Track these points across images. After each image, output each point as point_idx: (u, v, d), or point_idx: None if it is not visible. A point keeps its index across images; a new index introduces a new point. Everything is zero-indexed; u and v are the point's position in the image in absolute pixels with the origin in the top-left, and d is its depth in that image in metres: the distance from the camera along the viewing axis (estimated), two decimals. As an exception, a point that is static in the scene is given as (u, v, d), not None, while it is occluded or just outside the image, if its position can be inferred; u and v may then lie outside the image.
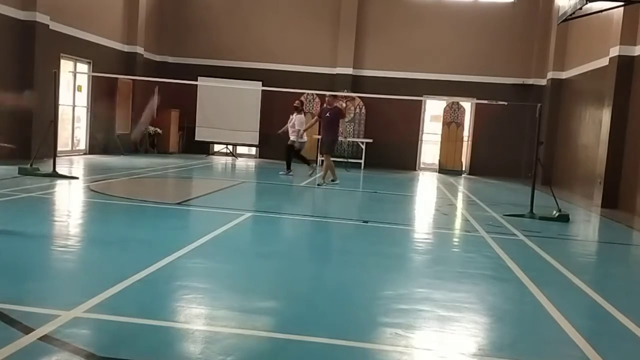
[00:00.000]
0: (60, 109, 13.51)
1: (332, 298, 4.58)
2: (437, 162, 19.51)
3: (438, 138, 19.47)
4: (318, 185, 12.36)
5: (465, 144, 19.41)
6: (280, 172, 14.20)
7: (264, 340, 3.55)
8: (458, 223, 9.08)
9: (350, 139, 18.87)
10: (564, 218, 9.21)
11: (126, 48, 18.04)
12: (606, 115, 12.41)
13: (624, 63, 11.88)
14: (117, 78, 16.78)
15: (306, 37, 19.56)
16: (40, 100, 12.68)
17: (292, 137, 14.17)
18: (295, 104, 14.35)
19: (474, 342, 3.78)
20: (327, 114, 12.59)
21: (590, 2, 9.79)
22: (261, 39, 19.63)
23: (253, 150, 20.96)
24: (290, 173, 14.10)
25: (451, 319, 4.15)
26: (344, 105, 14.10)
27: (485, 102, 16.39)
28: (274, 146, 18.04)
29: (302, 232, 7.70)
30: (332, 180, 12.66)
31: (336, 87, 18.61)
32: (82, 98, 16.43)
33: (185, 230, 7.16)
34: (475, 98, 17.73)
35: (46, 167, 11.02)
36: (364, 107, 19.02)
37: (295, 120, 14.15)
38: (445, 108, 19.09)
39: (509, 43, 18.83)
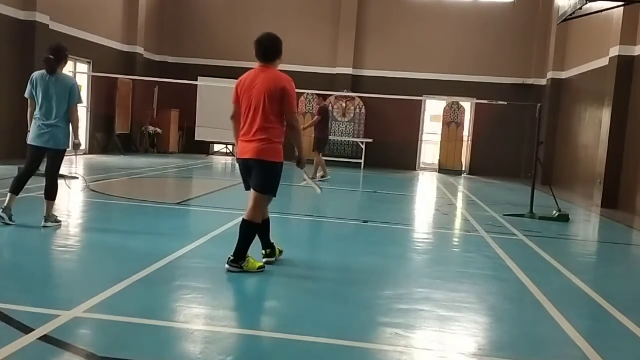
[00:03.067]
0: (60, 109, 13.49)
1: (332, 298, 4.58)
2: (437, 162, 19.51)
3: (438, 138, 19.46)
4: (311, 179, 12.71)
5: (465, 144, 19.40)
6: None
7: (264, 340, 3.56)
8: (458, 223, 9.08)
9: (350, 139, 18.88)
10: (564, 218, 9.21)
11: (126, 48, 18.03)
12: (606, 115, 12.41)
13: (624, 63, 11.87)
14: (117, 78, 16.78)
15: (306, 37, 19.54)
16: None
17: None
18: None
19: (474, 342, 3.78)
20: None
21: (590, 2, 9.79)
22: (261, 39, 19.59)
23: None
24: None
25: (451, 319, 4.15)
26: (326, 104, 14.44)
27: (485, 102, 16.41)
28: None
29: (301, 232, 7.70)
30: (323, 177, 12.97)
31: (336, 87, 18.62)
32: (82, 98, 16.39)
33: (185, 230, 7.16)
34: (475, 98, 17.74)
35: (46, 167, 11.00)
36: (364, 107, 19.02)
37: None
38: (445, 108, 19.09)
39: (509, 43, 18.82)
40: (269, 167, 4.89)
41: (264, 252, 5.28)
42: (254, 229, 5.01)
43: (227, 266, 4.92)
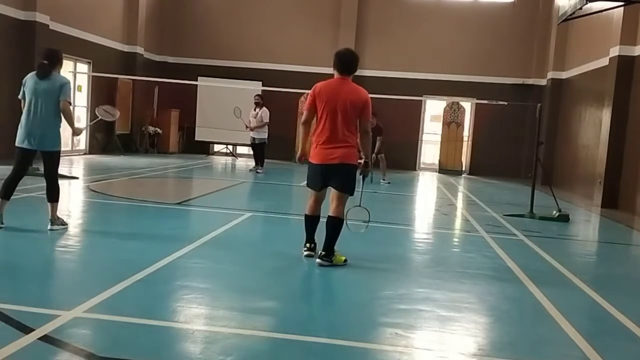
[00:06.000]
0: (60, 108, 13.50)
1: (332, 298, 4.58)
2: (437, 162, 19.51)
3: (438, 138, 19.47)
4: (388, 181, 13.70)
5: (465, 144, 19.40)
6: (259, 170, 14.53)
7: (264, 340, 3.55)
8: (458, 223, 9.08)
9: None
10: (563, 218, 9.20)
11: (126, 48, 18.03)
12: (606, 115, 12.40)
13: (624, 63, 11.87)
14: (117, 78, 16.79)
15: (306, 37, 19.54)
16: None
17: (255, 133, 14.63)
18: (257, 100, 14.74)
19: (474, 342, 3.78)
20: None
21: (590, 2, 9.78)
22: (261, 38, 19.62)
23: (253, 150, 20.94)
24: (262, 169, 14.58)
25: (451, 319, 4.15)
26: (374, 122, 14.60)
27: (485, 102, 16.42)
28: (274, 146, 18.01)
29: (301, 232, 7.68)
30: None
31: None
32: (82, 98, 16.42)
33: (185, 230, 7.16)
34: (475, 98, 17.73)
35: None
36: (364, 107, 18.99)
37: (262, 114, 14.51)
38: (445, 108, 19.09)
39: (509, 43, 18.82)
40: (351, 168, 5.44)
41: (308, 245, 5.70)
42: (340, 223, 5.50)
43: (318, 260, 5.35)
